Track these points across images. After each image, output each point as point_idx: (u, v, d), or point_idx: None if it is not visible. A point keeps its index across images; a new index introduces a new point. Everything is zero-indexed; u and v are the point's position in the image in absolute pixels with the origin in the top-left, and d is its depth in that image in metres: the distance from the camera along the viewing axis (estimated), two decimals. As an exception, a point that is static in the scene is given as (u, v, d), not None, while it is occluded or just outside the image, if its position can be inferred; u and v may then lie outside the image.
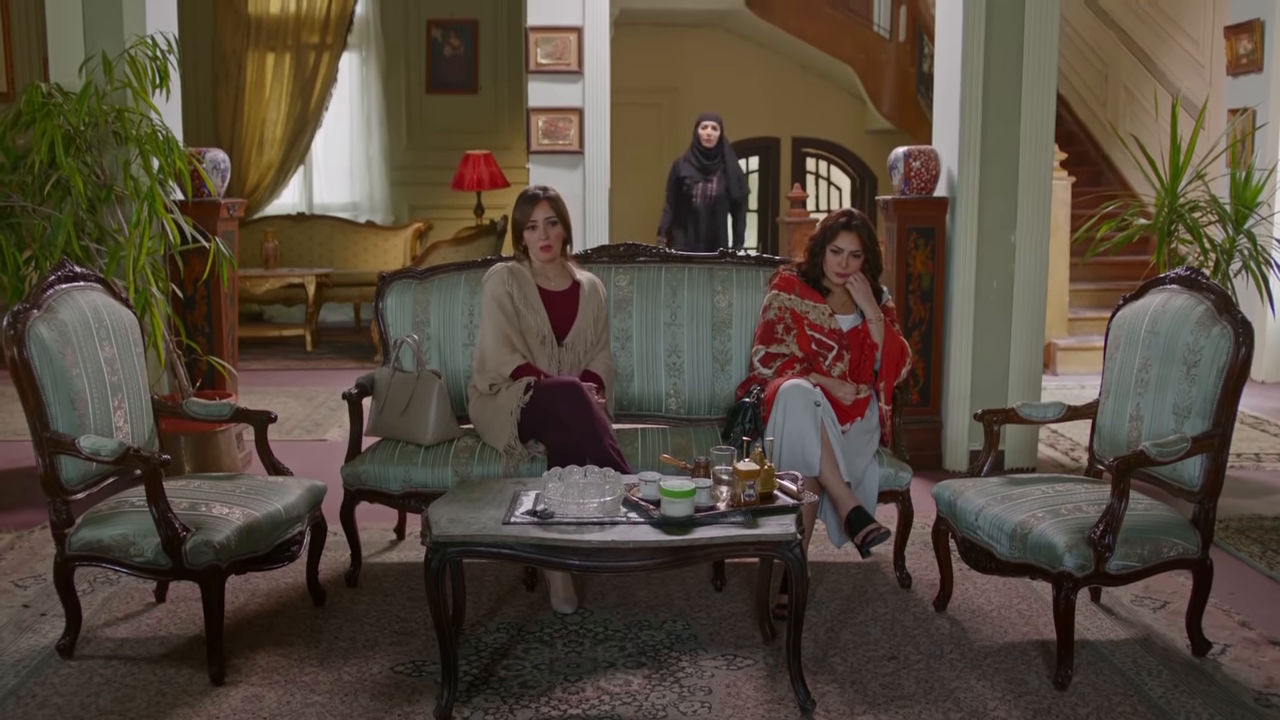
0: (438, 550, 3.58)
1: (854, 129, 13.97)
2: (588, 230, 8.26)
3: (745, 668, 3.89)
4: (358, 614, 4.33)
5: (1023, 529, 3.84)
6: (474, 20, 12.64)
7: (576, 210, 7.90)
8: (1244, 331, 3.86)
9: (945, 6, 6.57)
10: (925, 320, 6.40)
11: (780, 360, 4.64)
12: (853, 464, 4.44)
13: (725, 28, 13.51)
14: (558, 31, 8.43)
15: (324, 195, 12.88)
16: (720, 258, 5.23)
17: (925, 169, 6.37)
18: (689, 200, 9.22)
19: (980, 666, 3.92)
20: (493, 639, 4.11)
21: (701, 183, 9.17)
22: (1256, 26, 8.90)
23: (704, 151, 9.20)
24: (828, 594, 4.53)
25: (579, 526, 3.61)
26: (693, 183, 9.20)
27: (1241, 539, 5.23)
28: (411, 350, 4.81)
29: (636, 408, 5.10)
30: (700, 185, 9.16)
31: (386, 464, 4.60)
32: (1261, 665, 3.94)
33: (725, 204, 9.30)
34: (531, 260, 4.74)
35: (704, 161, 9.21)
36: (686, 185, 9.24)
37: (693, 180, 9.20)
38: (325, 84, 12.24)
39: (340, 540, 4.76)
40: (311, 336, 10.64)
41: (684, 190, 9.26)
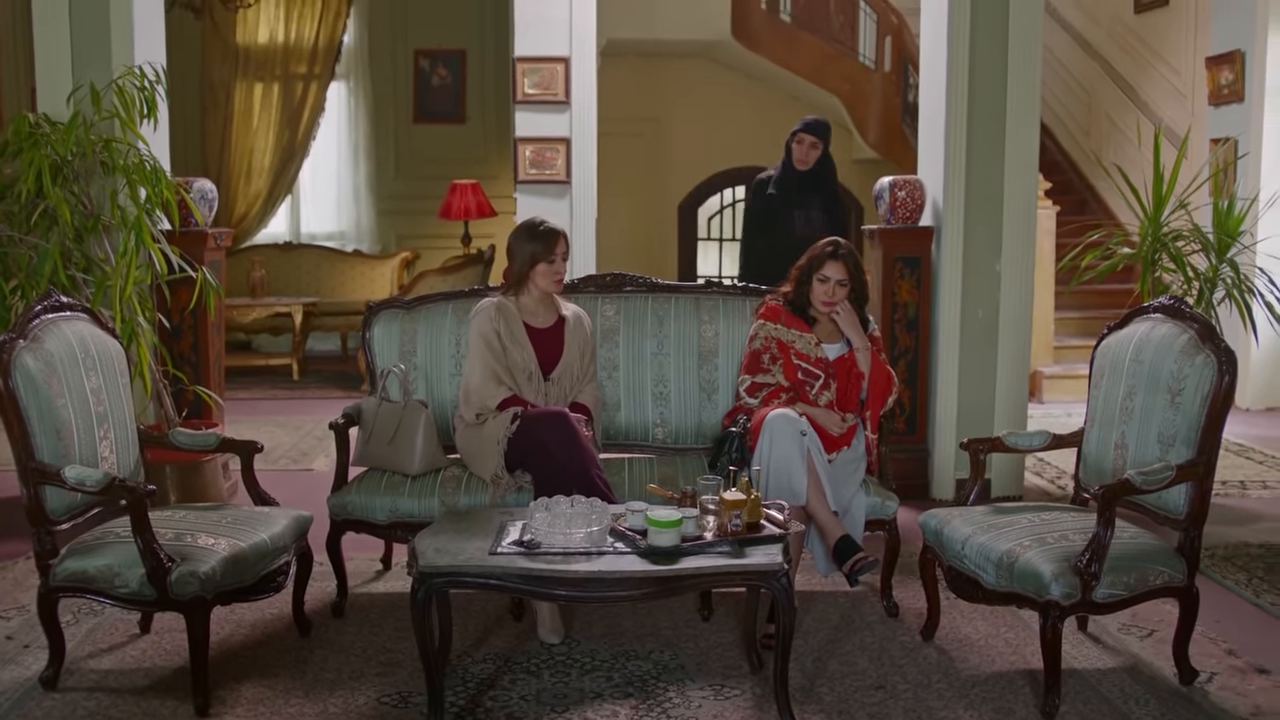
0: (424, 581, 3.58)
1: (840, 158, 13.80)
2: (575, 261, 8.25)
3: (732, 698, 3.88)
4: (344, 645, 4.31)
5: (1009, 558, 3.85)
6: (461, 50, 12.68)
7: (563, 240, 7.90)
8: (1227, 360, 3.88)
9: (929, 37, 6.62)
10: (911, 349, 6.42)
11: (766, 390, 4.64)
12: (839, 493, 4.44)
13: (711, 58, 13.57)
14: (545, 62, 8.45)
15: (311, 224, 12.88)
16: (706, 287, 5.24)
17: (910, 199, 6.40)
18: (787, 233, 6.89)
19: (968, 696, 3.91)
20: (479, 669, 4.09)
21: (800, 210, 6.93)
22: (1237, 57, 8.98)
23: (799, 177, 6.94)
24: (815, 623, 4.52)
25: (566, 557, 3.61)
26: (787, 210, 6.98)
27: (1227, 566, 5.24)
28: (398, 380, 4.81)
29: (623, 437, 5.10)
30: (800, 213, 6.91)
31: (373, 494, 4.59)
32: (1248, 693, 3.94)
33: None
34: (522, 295, 4.74)
35: (801, 186, 6.98)
36: (779, 213, 7.07)
37: (787, 208, 6.99)
38: (313, 114, 12.28)
39: (326, 570, 4.74)
40: (298, 366, 10.63)
41: (775, 221, 7.15)
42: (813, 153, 6.84)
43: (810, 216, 6.86)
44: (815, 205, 6.89)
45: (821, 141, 6.85)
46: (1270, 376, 9.00)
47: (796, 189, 6.91)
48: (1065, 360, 9.65)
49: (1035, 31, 6.29)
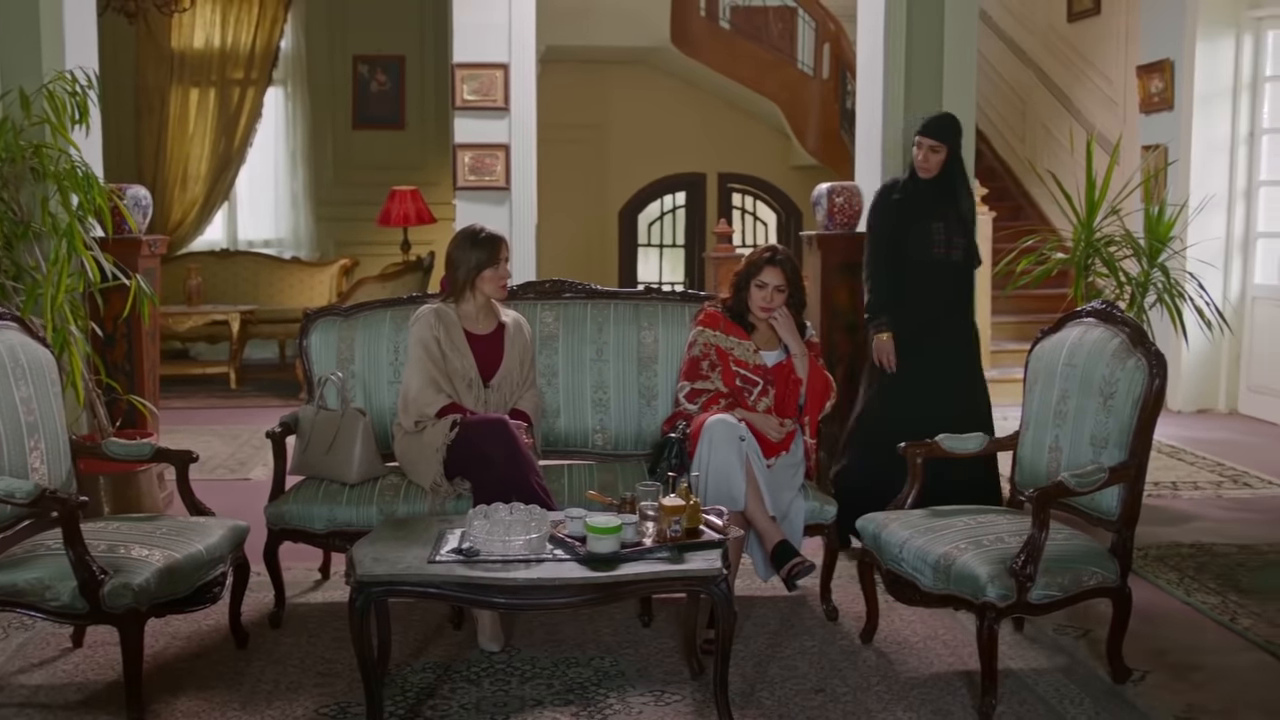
0: (362, 590, 3.56)
1: (779, 165, 14.10)
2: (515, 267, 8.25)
3: (673, 704, 3.89)
4: (281, 655, 4.27)
5: (946, 560, 3.88)
6: (401, 56, 12.63)
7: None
8: (1157, 363, 3.94)
9: (866, 45, 6.68)
10: (850, 355, 6.45)
11: (705, 396, 4.66)
12: (778, 498, 4.46)
13: (651, 65, 13.61)
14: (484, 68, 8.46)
15: (249, 231, 12.77)
16: (645, 294, 5.25)
17: (848, 204, 6.44)
18: (919, 255, 5.50)
19: (906, 698, 3.94)
20: (419, 679, 4.07)
21: (939, 224, 5.49)
22: (1167, 66, 9.13)
23: (923, 186, 5.55)
24: (755, 628, 4.54)
25: (505, 564, 3.60)
26: (918, 226, 5.51)
27: (1159, 566, 5.32)
28: (336, 388, 4.78)
29: (563, 444, 5.09)
30: (939, 229, 5.49)
31: (310, 503, 4.56)
32: (1180, 691, 4.00)
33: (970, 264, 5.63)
34: (462, 302, 4.73)
35: (926, 197, 5.53)
36: (916, 225, 5.51)
37: (922, 224, 5.50)
38: (250, 119, 12.18)
39: (264, 581, 4.69)
40: (236, 374, 10.52)
41: (910, 241, 5.51)
42: (934, 157, 5.49)
43: (949, 233, 5.50)
44: (951, 219, 5.51)
45: (945, 144, 5.49)
46: (1200, 379, 9.15)
47: (921, 201, 5.54)
48: (1002, 364, 9.74)
49: (970, 39, 6.36)
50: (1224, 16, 8.99)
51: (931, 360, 5.40)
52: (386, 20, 12.50)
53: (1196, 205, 8.60)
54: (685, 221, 14.72)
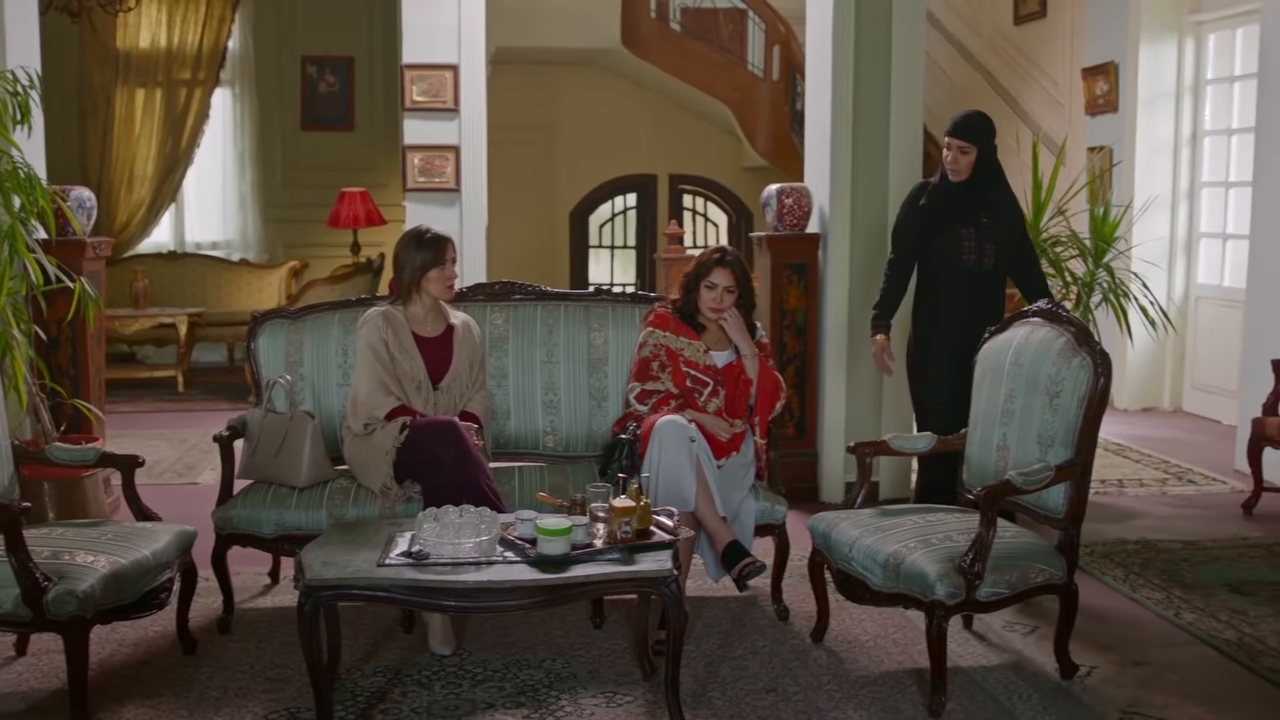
0: (311, 594, 3.53)
1: (730, 166, 14.14)
2: (465, 268, 8.23)
3: (625, 704, 3.89)
4: (230, 661, 4.23)
5: (895, 559, 3.91)
6: (349, 57, 12.55)
7: (454, 248, 7.89)
8: (1102, 362, 3.99)
9: (815, 47, 6.71)
10: (800, 355, 6.49)
11: (656, 397, 4.66)
12: (729, 498, 4.48)
13: (602, 66, 13.61)
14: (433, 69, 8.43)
15: (196, 233, 12.65)
16: (595, 295, 5.25)
17: (798, 205, 6.47)
18: (952, 264, 5.33)
19: (857, 696, 3.97)
20: (369, 683, 4.05)
21: (969, 230, 5.31)
22: (1111, 69, 9.24)
23: (953, 190, 5.35)
24: (706, 629, 4.55)
25: (455, 567, 3.59)
26: (951, 234, 5.32)
27: (1106, 563, 5.38)
28: (284, 391, 4.75)
29: (514, 446, 5.08)
30: (969, 235, 5.31)
31: (259, 507, 4.52)
32: (1125, 685, 4.05)
33: (1003, 272, 5.44)
34: (410, 304, 4.71)
35: (957, 201, 5.34)
36: (944, 231, 5.34)
37: (950, 231, 5.32)
38: (197, 120, 12.06)
39: (212, 586, 4.65)
40: (184, 377, 10.41)
41: (937, 248, 5.37)
42: (964, 159, 5.25)
43: (980, 240, 5.29)
44: (983, 225, 5.30)
45: (975, 145, 5.24)
46: (1145, 378, 9.27)
47: (949, 206, 5.32)
48: (951, 364, 9.81)
49: (918, 41, 6.41)
50: (1166, 20, 9.11)
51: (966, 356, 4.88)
52: (335, 21, 12.42)
53: (1141, 206, 8.71)
54: (636, 223, 14.73)
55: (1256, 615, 4.71)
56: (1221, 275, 8.92)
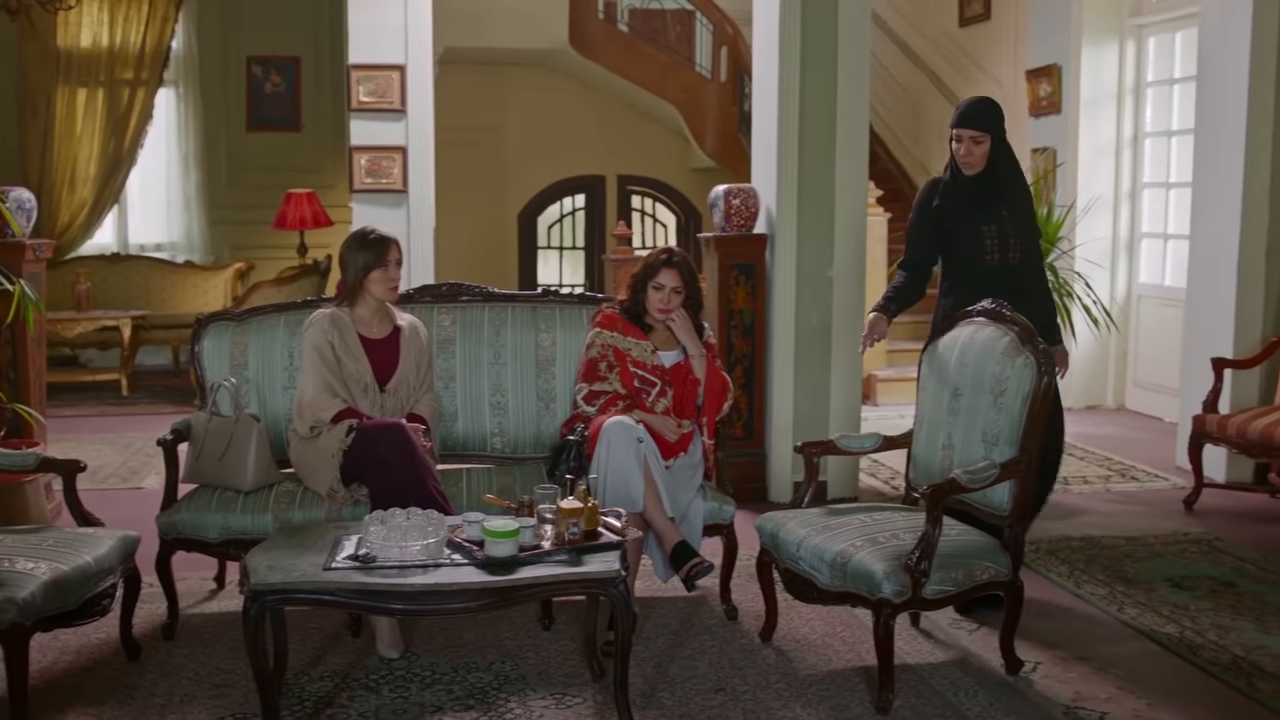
0: (256, 599, 3.51)
1: (678, 167, 14.16)
2: (412, 270, 8.19)
3: (574, 706, 3.89)
4: (175, 667, 4.19)
5: (842, 558, 3.93)
6: (296, 57, 12.44)
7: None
8: (1045, 361, 4.04)
9: (761, 48, 6.73)
10: (748, 355, 6.51)
11: (604, 398, 4.66)
12: (677, 499, 4.48)
13: (550, 67, 13.59)
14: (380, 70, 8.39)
15: (140, 235, 12.49)
16: (543, 296, 5.25)
17: (745, 206, 6.49)
18: (975, 263, 4.98)
19: (805, 695, 3.99)
20: (317, 688, 4.02)
21: (989, 227, 4.96)
22: (1054, 71, 9.34)
23: (967, 184, 5.00)
24: (655, 629, 4.55)
25: (402, 570, 3.57)
26: (971, 231, 4.97)
27: (1051, 560, 5.44)
28: (229, 394, 4.70)
29: (461, 448, 5.06)
30: (990, 233, 4.95)
31: (204, 511, 4.48)
32: (1069, 680, 4.10)
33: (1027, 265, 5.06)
34: (356, 306, 4.68)
35: (971, 195, 5.00)
36: (962, 230, 5.00)
37: (969, 228, 4.98)
38: (140, 120, 11.90)
39: (156, 592, 4.61)
40: (127, 381, 10.28)
41: (957, 248, 5.04)
42: (977, 149, 4.90)
43: (1002, 235, 4.94)
44: (1003, 220, 4.95)
45: (988, 133, 4.89)
46: (1090, 376, 9.36)
47: (966, 202, 4.96)
48: (899, 363, 9.90)
49: (863, 43, 6.44)
50: (1108, 23, 9.22)
51: None
52: (280, 21, 12.31)
53: (1084, 206, 8.82)
54: (585, 224, 14.72)
55: (1197, 609, 4.78)
56: (1163, 275, 9.03)
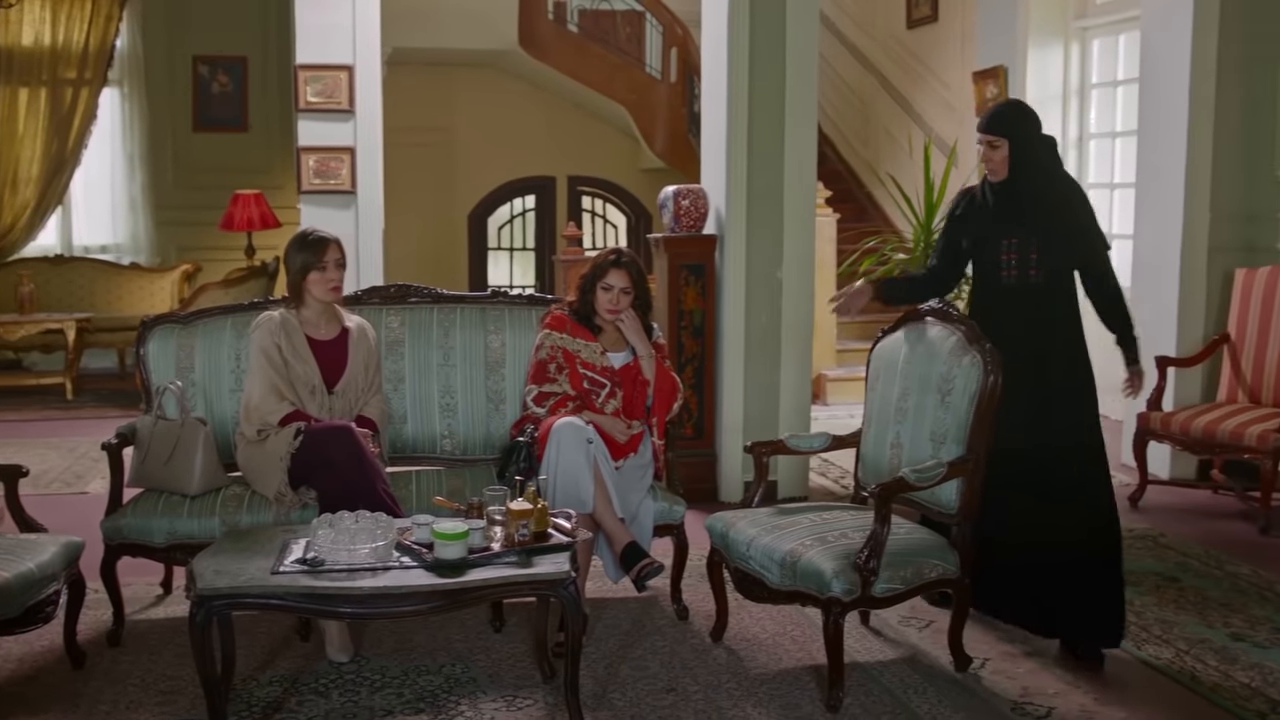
0: (203, 603, 3.48)
1: (628, 168, 14.18)
2: (361, 271, 8.16)
3: (525, 708, 3.88)
4: (120, 674, 4.14)
5: (792, 557, 3.95)
6: (243, 57, 12.33)
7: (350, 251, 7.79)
8: (992, 360, 4.07)
9: (710, 49, 6.75)
10: (698, 355, 6.52)
11: (553, 399, 4.66)
12: (627, 500, 4.49)
13: (500, 67, 13.56)
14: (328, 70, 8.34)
15: (84, 236, 12.33)
16: (492, 297, 5.23)
17: (694, 207, 6.51)
18: (993, 283, 4.49)
19: (756, 694, 4.00)
20: (265, 693, 3.99)
21: (1009, 241, 4.41)
22: (1001, 72, 9.42)
23: (994, 193, 4.46)
24: (606, 630, 4.55)
25: (350, 573, 3.55)
26: (991, 246, 4.47)
27: (999, 558, 5.48)
28: (175, 397, 4.65)
29: (411, 450, 5.04)
30: (1009, 247, 4.41)
31: (149, 516, 4.43)
32: (1017, 676, 4.14)
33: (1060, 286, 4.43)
34: (303, 307, 4.65)
35: (997, 208, 4.45)
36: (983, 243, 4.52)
37: (990, 243, 4.47)
38: (85, 120, 11.76)
39: (101, 598, 4.55)
40: (72, 384, 10.16)
41: (979, 264, 4.59)
42: (995, 155, 4.37)
43: (1022, 251, 4.38)
44: (1025, 234, 4.37)
45: (1005, 137, 4.35)
46: (1037, 375, 9.44)
47: (989, 214, 4.47)
48: (848, 363, 9.95)
49: (811, 44, 6.47)
50: (1053, 26, 9.32)
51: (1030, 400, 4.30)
52: (227, 20, 12.19)
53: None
54: (535, 225, 14.70)
55: (1141, 605, 4.84)
56: (1108, 274, 9.11)
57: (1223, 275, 6.87)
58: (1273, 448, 5.88)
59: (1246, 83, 6.80)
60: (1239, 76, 6.78)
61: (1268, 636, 4.51)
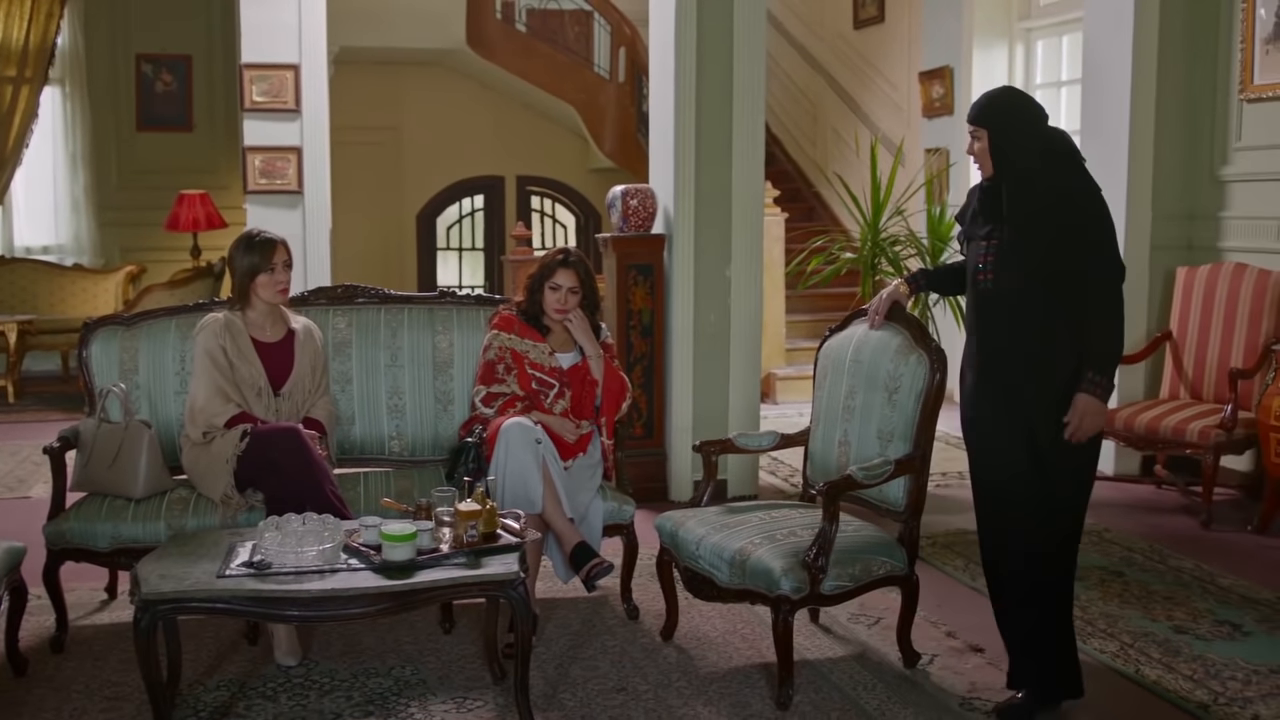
0: (147, 608, 3.45)
1: (577, 167, 14.17)
2: (308, 272, 8.10)
3: (475, 709, 3.87)
4: (63, 681, 4.09)
5: (741, 556, 3.96)
6: (187, 56, 12.20)
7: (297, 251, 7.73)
8: (938, 359, 4.11)
9: (658, 49, 6.76)
10: (647, 355, 6.53)
11: (502, 399, 4.65)
12: (576, 500, 4.48)
13: (448, 66, 13.50)
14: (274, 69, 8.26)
15: (25, 237, 12.16)
16: (440, 298, 5.21)
17: (643, 207, 6.51)
18: (972, 278, 3.97)
19: (706, 693, 4.01)
20: (212, 698, 3.95)
21: (987, 243, 3.91)
22: (947, 73, 9.50)
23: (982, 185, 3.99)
24: (556, 630, 4.55)
25: (298, 576, 3.53)
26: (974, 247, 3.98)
27: (946, 553, 5.53)
28: (119, 400, 4.60)
29: (359, 451, 5.01)
30: (984, 249, 3.91)
31: (93, 520, 4.37)
32: (965, 672, 4.18)
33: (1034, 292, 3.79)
34: (248, 309, 4.61)
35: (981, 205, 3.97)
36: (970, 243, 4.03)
37: (968, 237, 4.04)
38: (25, 119, 11.59)
39: (44, 604, 4.49)
40: (14, 387, 10.03)
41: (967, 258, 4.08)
42: (976, 146, 3.91)
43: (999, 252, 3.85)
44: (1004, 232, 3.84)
45: (983, 127, 3.87)
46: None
47: (980, 207, 3.97)
48: (797, 362, 9.99)
49: (759, 45, 6.49)
50: (998, 27, 9.41)
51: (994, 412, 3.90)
52: (171, 18, 12.06)
53: (976, 206, 8.96)
54: (484, 224, 14.66)
55: (1087, 599, 4.89)
56: (1053, 272, 9.21)
57: (1164, 274, 6.96)
58: (1213, 443, 5.97)
59: (1187, 83, 6.89)
60: (1180, 77, 6.87)
61: (1210, 629, 4.58)
